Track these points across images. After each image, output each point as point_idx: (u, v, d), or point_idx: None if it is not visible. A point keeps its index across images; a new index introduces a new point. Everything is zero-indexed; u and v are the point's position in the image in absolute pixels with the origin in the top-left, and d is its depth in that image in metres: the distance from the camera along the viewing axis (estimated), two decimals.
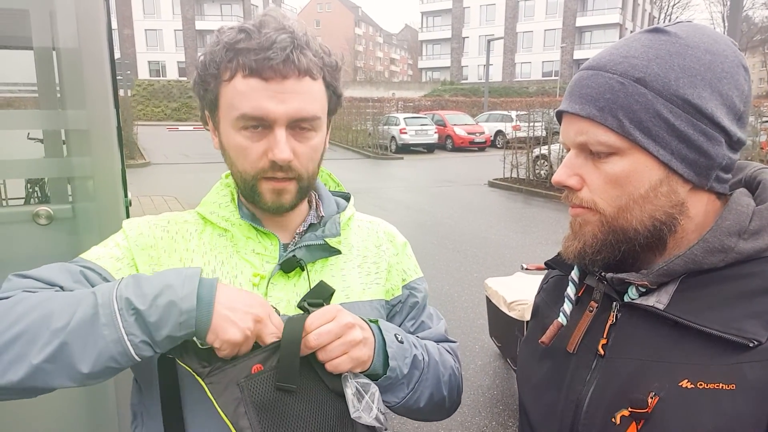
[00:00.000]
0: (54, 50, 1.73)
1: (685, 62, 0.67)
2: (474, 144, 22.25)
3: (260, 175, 0.85)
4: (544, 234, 8.39)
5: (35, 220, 1.49)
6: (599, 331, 0.76)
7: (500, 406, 3.70)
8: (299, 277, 0.92)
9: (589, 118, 0.70)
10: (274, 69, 0.79)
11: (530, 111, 13.43)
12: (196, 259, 0.90)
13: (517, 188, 12.53)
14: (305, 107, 0.83)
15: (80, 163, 1.54)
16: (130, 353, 0.70)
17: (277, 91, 0.80)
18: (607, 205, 0.72)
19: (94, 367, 0.69)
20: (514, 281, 3.94)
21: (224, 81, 0.83)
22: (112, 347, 0.69)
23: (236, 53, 0.81)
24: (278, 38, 0.79)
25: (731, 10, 9.23)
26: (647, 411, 0.66)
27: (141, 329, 0.70)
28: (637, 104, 0.67)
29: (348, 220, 1.02)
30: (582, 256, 0.76)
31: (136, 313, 0.70)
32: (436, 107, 31.39)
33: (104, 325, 0.69)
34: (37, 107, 2.07)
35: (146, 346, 0.71)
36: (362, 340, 0.81)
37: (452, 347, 1.09)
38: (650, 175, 0.69)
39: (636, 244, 0.73)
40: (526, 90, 43.73)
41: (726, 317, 0.65)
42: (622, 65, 0.69)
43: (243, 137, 0.84)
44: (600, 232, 0.73)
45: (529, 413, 0.85)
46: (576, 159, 0.74)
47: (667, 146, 0.68)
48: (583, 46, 49.92)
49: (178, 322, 0.70)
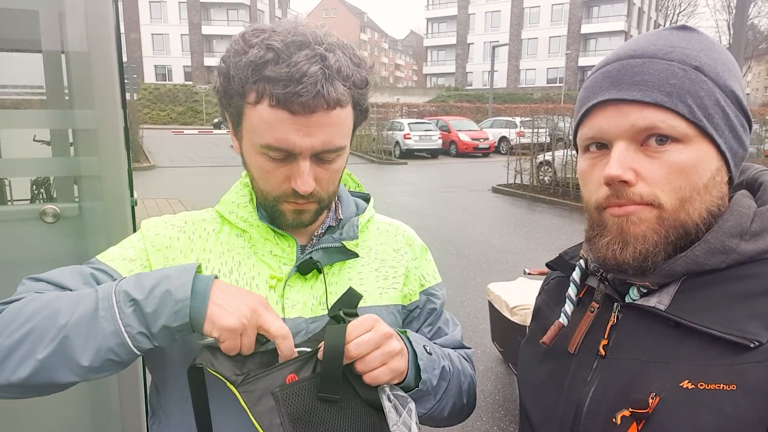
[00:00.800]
0: (63, 53, 1.75)
1: (721, 57, 0.69)
2: (478, 150, 22.25)
3: (282, 199, 0.85)
4: (547, 240, 8.37)
5: (42, 218, 1.51)
6: (600, 331, 0.76)
7: (501, 411, 3.69)
8: (316, 279, 0.91)
9: (657, 104, 0.66)
10: (303, 104, 0.76)
11: (534, 117, 13.41)
12: (213, 260, 0.89)
13: (520, 194, 12.52)
14: (331, 140, 0.81)
15: (87, 162, 1.56)
16: (128, 345, 0.71)
17: (303, 125, 0.78)
18: (668, 197, 0.67)
19: (94, 360, 0.70)
20: (516, 286, 3.93)
21: (249, 103, 0.79)
22: (111, 339, 0.70)
23: (262, 78, 0.76)
24: (309, 71, 0.75)
25: (737, 18, 9.25)
26: (648, 411, 0.65)
27: (138, 320, 0.71)
28: (702, 91, 0.67)
29: (367, 222, 1.00)
30: (644, 258, 0.69)
31: (134, 304, 0.71)
32: (440, 113, 31.42)
33: (103, 318, 0.70)
34: (45, 109, 2.09)
35: (143, 337, 0.71)
36: (400, 350, 0.80)
37: (468, 354, 1.08)
38: (711, 164, 0.68)
39: (694, 240, 0.69)
40: (531, 96, 43.72)
41: (727, 318, 0.65)
42: (675, 53, 0.68)
43: (265, 161, 0.82)
44: (662, 228, 0.68)
45: (530, 414, 0.85)
46: (627, 152, 0.68)
47: (723, 135, 0.68)
48: (588, 53, 49.92)
49: (173, 311, 0.71)
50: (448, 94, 47.85)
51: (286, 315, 0.88)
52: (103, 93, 1.42)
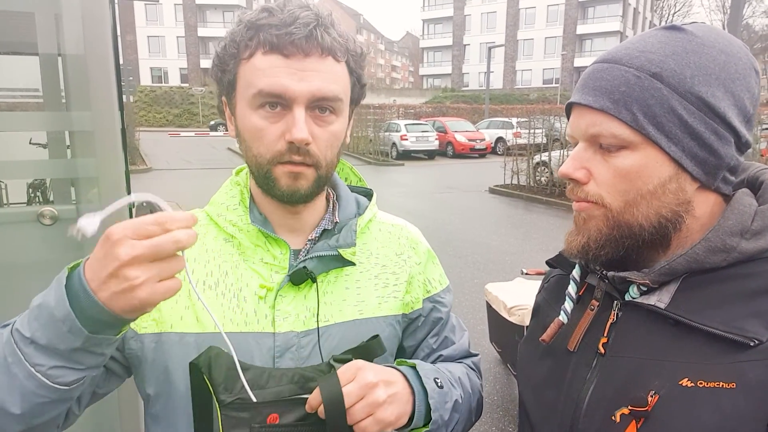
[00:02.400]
0: (59, 55, 1.75)
1: (701, 61, 0.67)
2: (475, 150, 22.25)
3: (276, 160, 0.79)
4: (544, 240, 8.38)
5: (40, 220, 1.50)
6: (600, 329, 0.76)
7: (500, 412, 3.69)
8: (310, 288, 0.85)
9: (603, 111, 0.69)
10: (296, 45, 0.75)
11: (531, 118, 13.45)
12: (198, 270, 0.84)
13: (517, 195, 12.52)
14: (327, 86, 0.78)
15: (84, 164, 1.55)
16: (47, 384, 0.65)
17: (297, 68, 0.76)
18: (613, 199, 0.71)
19: (23, 407, 0.66)
20: (514, 286, 3.94)
21: (243, 59, 0.79)
22: (27, 383, 0.65)
23: (257, 30, 0.77)
24: (301, 14, 0.76)
25: (731, 18, 9.29)
26: (647, 409, 0.66)
27: (44, 356, 0.64)
28: (652, 99, 0.67)
29: (368, 223, 0.95)
30: (585, 251, 0.75)
31: (31, 342, 0.64)
32: (437, 114, 31.42)
33: (12, 363, 0.65)
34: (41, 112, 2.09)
35: (60, 370, 0.65)
36: (387, 399, 0.75)
37: (475, 363, 1.05)
38: (660, 171, 0.69)
39: (640, 241, 0.72)
40: (527, 97, 43.80)
41: (727, 316, 0.65)
42: (639, 59, 0.69)
43: (260, 117, 0.79)
44: (605, 226, 0.72)
45: (530, 412, 0.85)
46: (584, 152, 0.73)
47: (679, 143, 0.68)
48: (583, 53, 50.07)
49: (65, 331, 0.62)
50: (445, 95, 47.93)
51: (276, 329, 0.83)
52: (100, 95, 1.42)
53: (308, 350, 0.84)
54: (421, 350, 1.00)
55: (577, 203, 0.75)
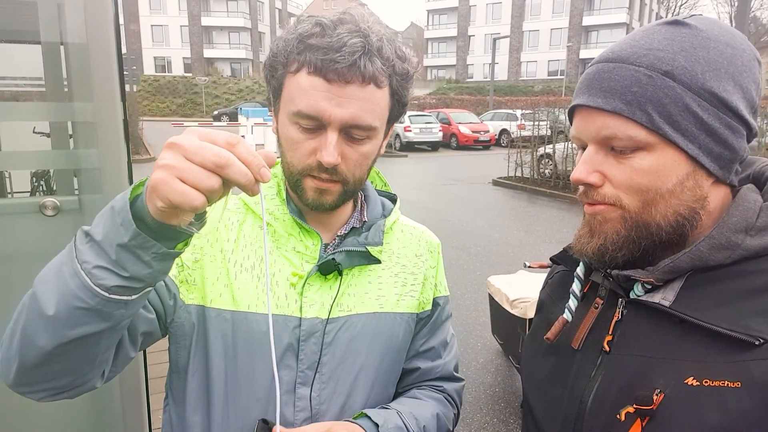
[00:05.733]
0: (62, 44, 1.73)
1: (710, 55, 0.67)
2: (478, 142, 22.21)
3: (306, 173, 0.84)
4: (547, 233, 8.38)
5: (42, 212, 1.50)
6: (604, 327, 0.75)
7: (501, 403, 3.71)
8: (336, 280, 0.91)
9: (616, 113, 0.68)
10: (338, 72, 0.78)
11: (535, 110, 13.38)
12: (237, 251, 0.89)
13: (521, 187, 12.51)
14: (361, 115, 0.81)
15: (87, 155, 1.55)
16: (88, 283, 0.64)
17: (336, 94, 0.79)
18: (631, 200, 0.70)
19: (59, 308, 0.65)
20: (516, 279, 3.94)
21: (290, 72, 0.82)
22: (70, 281, 0.65)
23: (306, 48, 0.80)
24: (349, 41, 0.78)
25: (739, 10, 9.20)
26: (652, 408, 0.65)
27: (94, 253, 0.64)
28: (667, 98, 0.66)
29: (392, 224, 1.00)
30: (602, 253, 0.73)
31: (88, 239, 0.66)
32: (441, 105, 31.36)
33: (64, 263, 0.66)
34: (44, 101, 2.08)
35: (103, 271, 0.64)
36: None
37: (456, 389, 1.07)
38: (678, 169, 0.68)
39: (657, 240, 0.71)
40: (532, 89, 43.60)
41: (732, 315, 0.64)
42: (647, 57, 0.67)
43: (296, 130, 0.83)
44: (623, 227, 0.71)
45: (534, 408, 0.85)
46: (596, 155, 0.71)
47: (696, 140, 0.67)
48: (589, 45, 49.71)
49: (118, 223, 0.63)
50: (449, 87, 47.69)
51: (303, 314, 0.88)
52: (102, 86, 1.41)
53: (331, 336, 0.90)
54: (408, 351, 1.03)
55: (592, 206, 0.73)
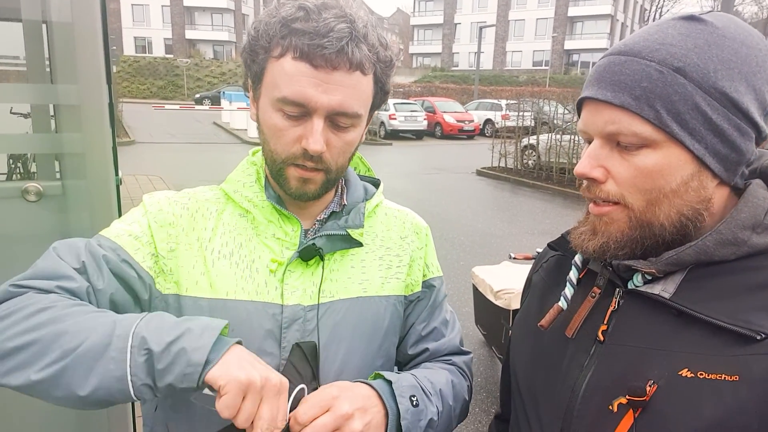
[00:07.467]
0: (44, 23, 1.68)
1: (723, 54, 0.65)
2: (463, 132, 22.20)
3: (290, 161, 0.83)
4: (530, 224, 8.45)
5: (24, 197, 1.46)
6: (600, 316, 0.75)
7: (483, 393, 3.75)
8: (317, 266, 0.90)
9: (623, 107, 0.66)
10: (326, 58, 0.76)
11: (520, 100, 13.44)
12: (215, 239, 0.88)
13: (504, 177, 12.57)
14: (348, 102, 0.80)
15: (70, 139, 1.51)
16: (129, 394, 0.68)
17: (323, 80, 0.78)
18: (635, 199, 0.69)
19: (90, 395, 0.67)
20: (501, 270, 3.96)
21: (273, 57, 0.80)
22: (114, 383, 0.67)
23: (290, 32, 0.77)
24: (336, 27, 0.76)
25: (722, 5, 9.30)
26: (645, 399, 0.65)
27: (147, 372, 0.68)
28: (676, 95, 0.64)
29: (374, 207, 0.99)
30: (604, 251, 0.73)
31: (147, 355, 0.68)
32: (426, 93, 31.22)
33: (113, 359, 0.67)
34: (24, 81, 2.02)
35: (147, 389, 0.68)
36: (363, 430, 0.76)
37: (466, 362, 1.06)
38: (683, 169, 0.67)
39: (660, 241, 0.70)
40: (516, 79, 43.67)
41: (733, 309, 0.64)
42: (660, 52, 0.66)
43: (280, 117, 0.81)
44: (627, 227, 0.71)
45: (522, 391, 0.85)
46: (600, 150, 0.70)
47: (703, 140, 0.66)
48: (574, 36, 49.85)
49: (183, 373, 0.67)
50: (434, 75, 47.53)
51: (284, 301, 0.87)
52: (88, 67, 1.37)
53: (313, 323, 0.88)
54: (410, 336, 1.02)
55: (597, 207, 0.73)
